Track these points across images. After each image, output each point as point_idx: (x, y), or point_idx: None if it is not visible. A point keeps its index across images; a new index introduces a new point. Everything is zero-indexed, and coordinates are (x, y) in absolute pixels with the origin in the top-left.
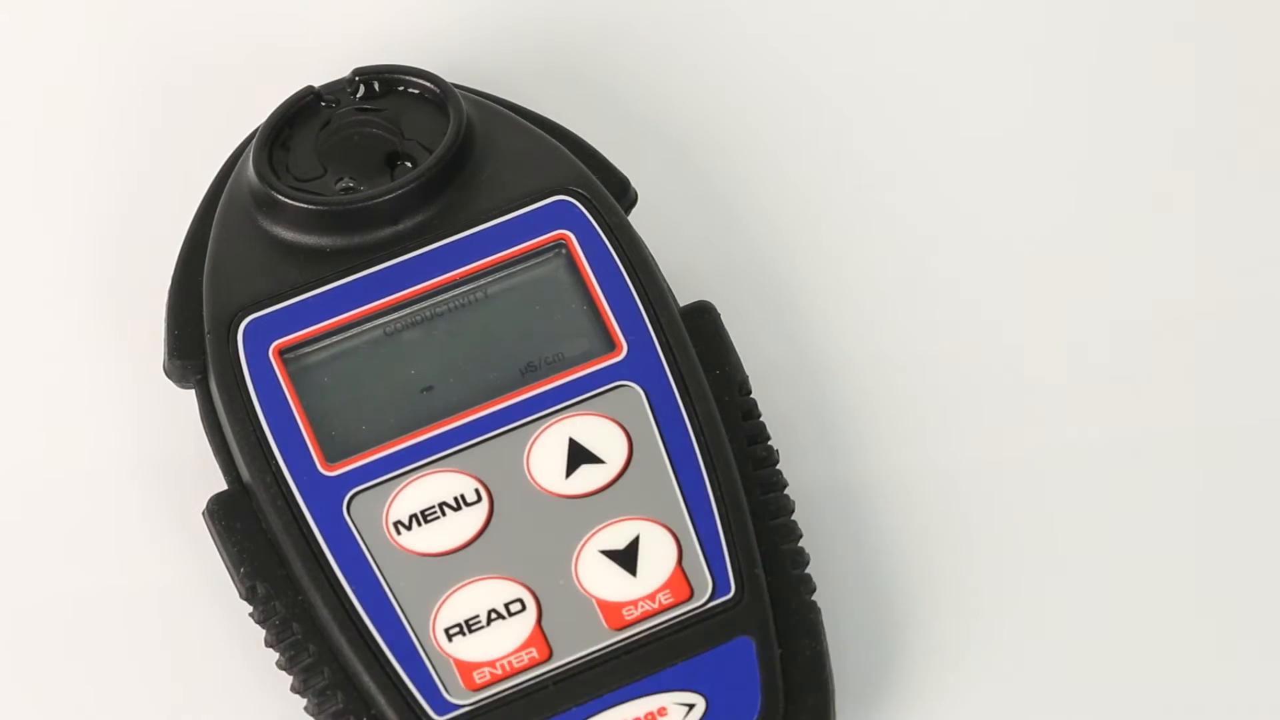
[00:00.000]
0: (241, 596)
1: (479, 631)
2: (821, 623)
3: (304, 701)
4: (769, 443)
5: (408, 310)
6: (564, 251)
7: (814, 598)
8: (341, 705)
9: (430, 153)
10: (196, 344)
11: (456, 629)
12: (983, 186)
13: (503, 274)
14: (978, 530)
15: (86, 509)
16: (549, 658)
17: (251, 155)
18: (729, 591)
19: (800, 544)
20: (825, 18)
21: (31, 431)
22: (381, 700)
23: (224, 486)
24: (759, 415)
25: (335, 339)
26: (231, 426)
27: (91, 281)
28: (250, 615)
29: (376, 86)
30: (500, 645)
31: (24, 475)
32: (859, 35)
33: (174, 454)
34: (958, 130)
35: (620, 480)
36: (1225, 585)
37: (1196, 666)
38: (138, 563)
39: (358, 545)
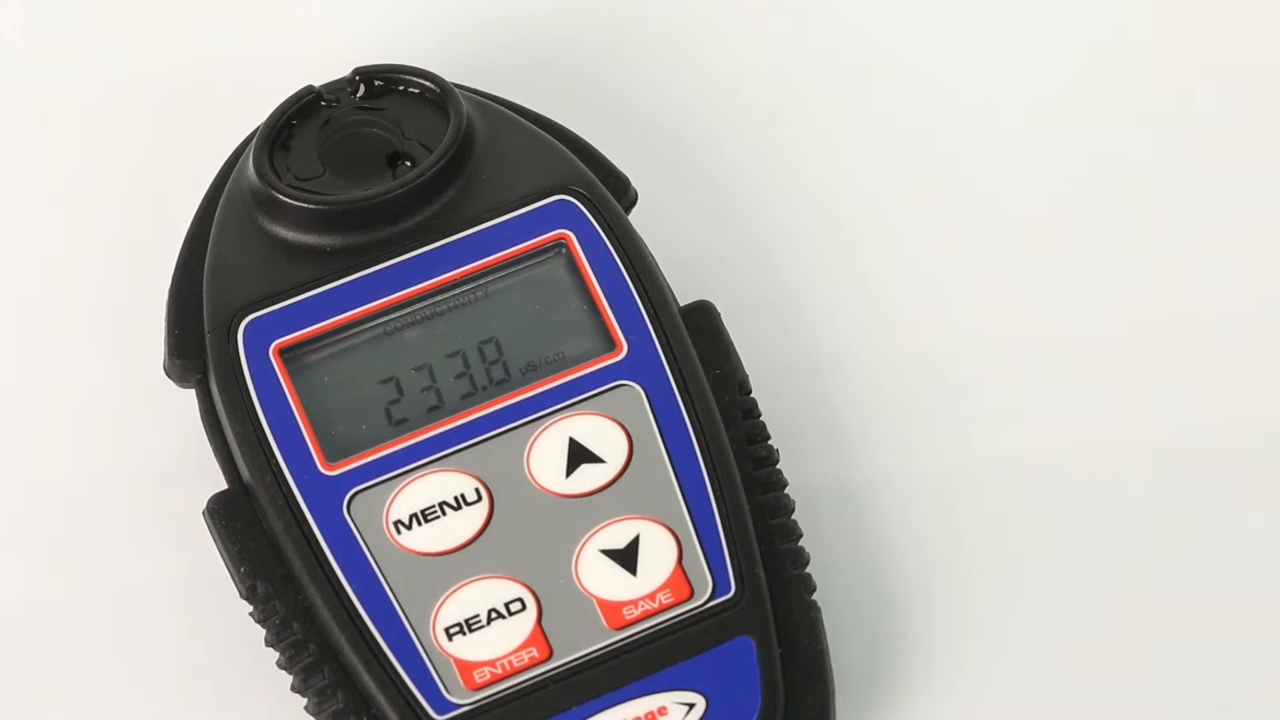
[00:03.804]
0: (241, 596)
1: (479, 631)
2: (821, 622)
3: (304, 701)
4: (769, 442)
5: (408, 310)
6: (564, 251)
7: (814, 597)
8: (341, 704)
9: (431, 152)
10: (196, 344)
11: (456, 628)
12: (984, 185)
13: (503, 273)
14: (978, 530)
15: (86, 508)
16: (549, 657)
17: (251, 155)
18: (729, 591)
19: (800, 544)
20: (826, 17)
21: (31, 431)
22: (381, 699)
23: (224, 486)
24: (759, 415)
25: (335, 338)
26: (231, 426)
27: (91, 281)
28: (250, 615)
29: (377, 86)
30: (500, 645)
31: (24, 475)
32: (859, 35)
33: (174, 454)
34: (960, 128)
35: (620, 480)
36: (1227, 586)
37: (1197, 666)
38: (138, 562)
39: (358, 545)
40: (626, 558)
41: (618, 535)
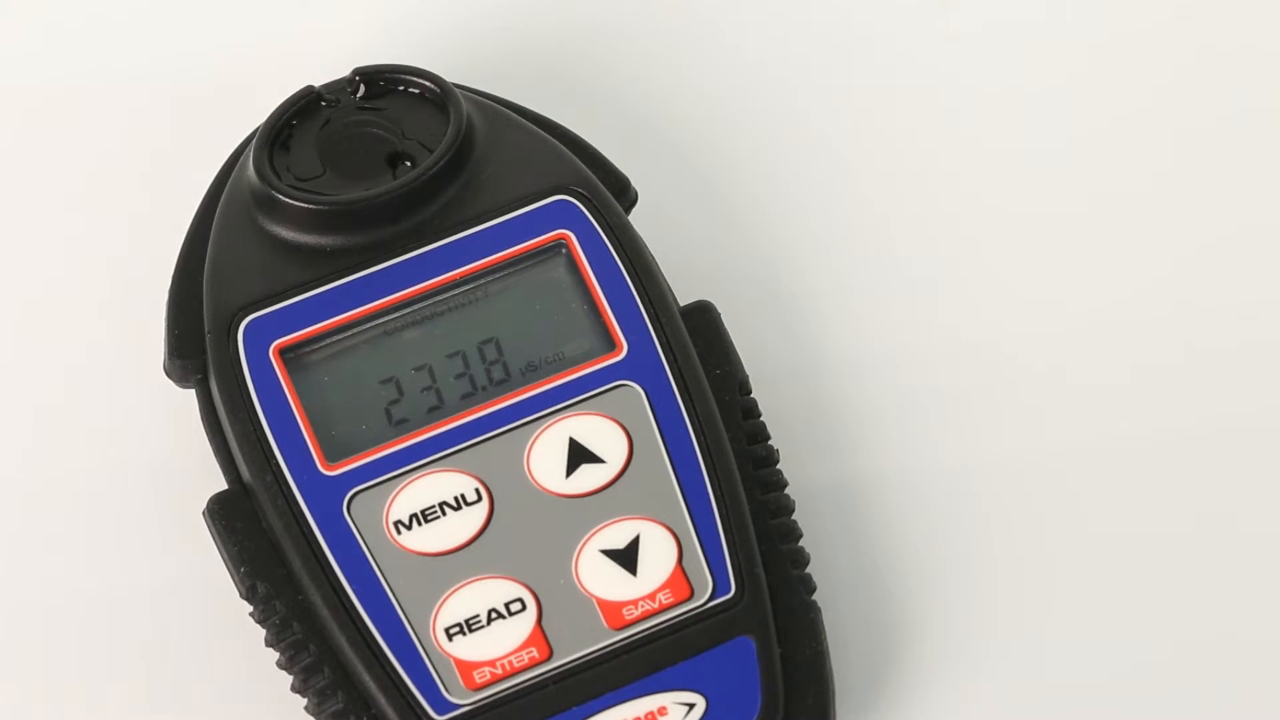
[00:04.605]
0: (242, 596)
1: (479, 631)
2: (821, 622)
3: (304, 701)
4: (769, 442)
5: (408, 310)
6: (564, 251)
7: (814, 598)
8: (341, 705)
9: (431, 152)
10: (196, 344)
11: (457, 628)
12: (983, 185)
13: (503, 273)
14: (977, 529)
15: (86, 509)
16: (549, 657)
17: (251, 155)
18: (729, 591)
19: (800, 544)
20: (827, 18)
21: (31, 431)
22: (381, 700)
23: (224, 486)
24: (759, 415)
25: (335, 338)
26: (231, 426)
27: (91, 281)
28: (250, 615)
29: (377, 86)
30: (500, 645)
31: (24, 475)
32: (860, 36)
33: (174, 454)
34: (959, 130)
35: (620, 480)
36: (1228, 585)
37: (1199, 667)
38: (138, 563)
39: (358, 545)
40: (626, 558)
41: (618, 535)
